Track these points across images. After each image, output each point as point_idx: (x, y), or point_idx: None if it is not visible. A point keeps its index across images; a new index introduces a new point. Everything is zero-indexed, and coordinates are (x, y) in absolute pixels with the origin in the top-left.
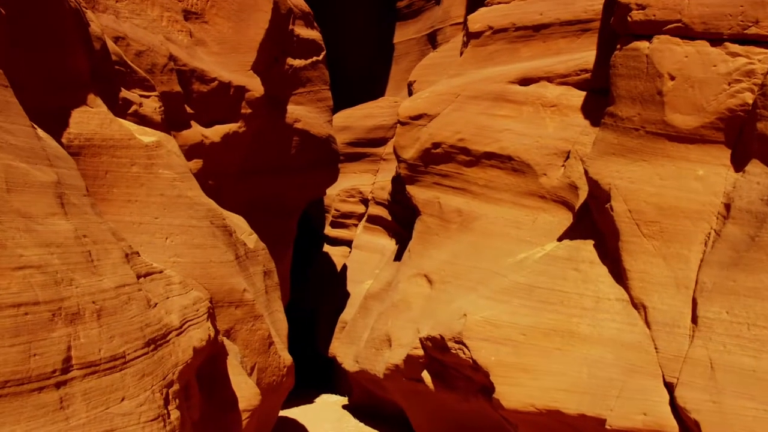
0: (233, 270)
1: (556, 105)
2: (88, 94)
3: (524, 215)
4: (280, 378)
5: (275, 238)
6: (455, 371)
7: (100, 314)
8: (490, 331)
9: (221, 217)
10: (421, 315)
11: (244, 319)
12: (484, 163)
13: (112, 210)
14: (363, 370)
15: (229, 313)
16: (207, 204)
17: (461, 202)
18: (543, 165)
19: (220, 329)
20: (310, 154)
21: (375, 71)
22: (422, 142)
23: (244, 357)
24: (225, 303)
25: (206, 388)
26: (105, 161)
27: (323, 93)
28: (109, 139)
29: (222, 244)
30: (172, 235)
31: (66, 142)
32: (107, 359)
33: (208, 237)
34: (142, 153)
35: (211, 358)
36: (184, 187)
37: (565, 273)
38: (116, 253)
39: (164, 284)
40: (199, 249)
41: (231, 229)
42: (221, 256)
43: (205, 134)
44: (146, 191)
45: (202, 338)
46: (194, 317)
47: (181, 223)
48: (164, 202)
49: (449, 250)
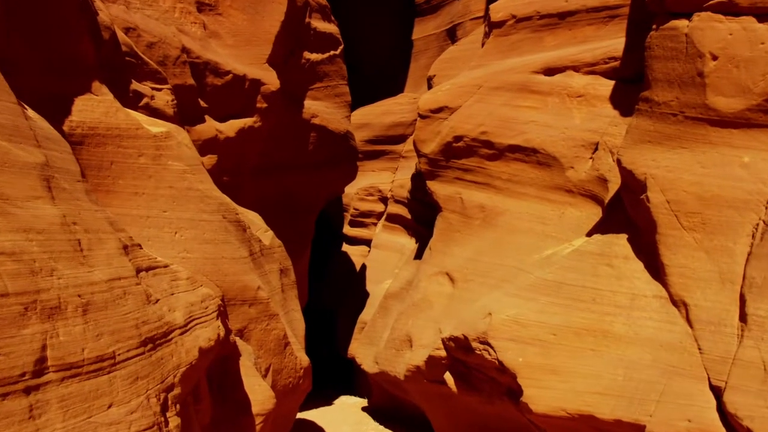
0: (246, 267)
1: (583, 95)
2: (93, 81)
3: (550, 210)
4: (297, 380)
5: (293, 237)
6: (479, 373)
7: (86, 309)
8: (516, 331)
9: (234, 211)
10: (443, 314)
11: (258, 319)
12: (507, 157)
13: (118, 202)
14: (383, 372)
15: (242, 312)
16: (219, 198)
17: (484, 197)
18: (570, 158)
19: (233, 329)
20: (328, 150)
21: (393, 68)
22: (443, 136)
23: (259, 358)
24: (238, 301)
25: (218, 391)
26: (110, 151)
27: (341, 88)
28: (114, 128)
29: (234, 239)
30: (182, 229)
31: (68, 130)
32: (92, 360)
33: (220, 232)
34: (150, 143)
35: (222, 359)
36: (195, 180)
37: (596, 269)
38: (112, 243)
39: (169, 279)
40: (210, 244)
41: (245, 225)
42: (234, 251)
43: (219, 129)
44: (154, 183)
45: (210, 338)
46: (202, 315)
47: (191, 216)
48: (173, 195)
49: (472, 247)
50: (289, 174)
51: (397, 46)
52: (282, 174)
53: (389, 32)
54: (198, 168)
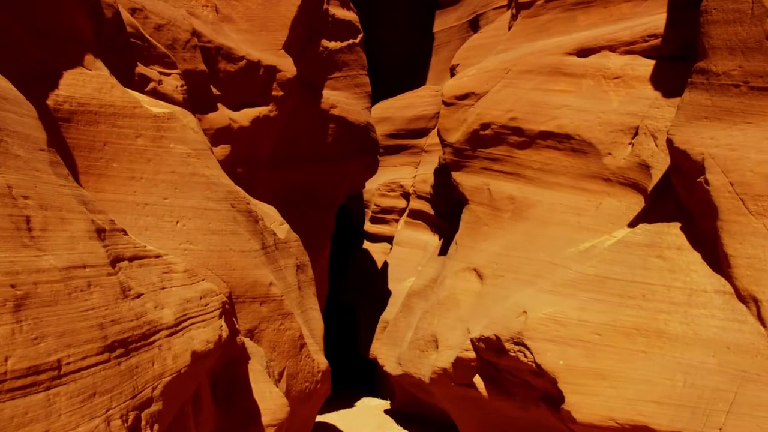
0: (258, 260)
1: (621, 76)
2: (86, 54)
3: (586, 200)
4: (314, 384)
5: (312, 233)
6: (512, 376)
7: (22, 304)
8: (555, 330)
9: (245, 201)
10: (471, 313)
11: (270, 318)
12: (539, 144)
13: (111, 188)
14: (406, 374)
15: (252, 311)
16: (227, 185)
17: (514, 188)
18: (607, 143)
19: (242, 329)
20: (348, 142)
21: (414, 62)
22: (469, 124)
23: (271, 361)
24: (247, 298)
25: (224, 399)
26: (103, 131)
27: (361, 78)
28: (109, 105)
29: (244, 230)
30: (184, 218)
31: (53, 105)
32: (20, 372)
33: (228, 222)
34: (150, 124)
35: (228, 363)
36: (200, 165)
37: (646, 261)
38: (79, 225)
39: (160, 272)
40: (216, 235)
41: (256, 215)
42: (243, 244)
43: (233, 118)
44: (154, 167)
45: (208, 340)
46: (200, 314)
47: (195, 205)
48: (175, 181)
49: (501, 242)
50: (307, 167)
51: (418, 40)
52: (299, 167)
53: (410, 25)
54: (205, 153)
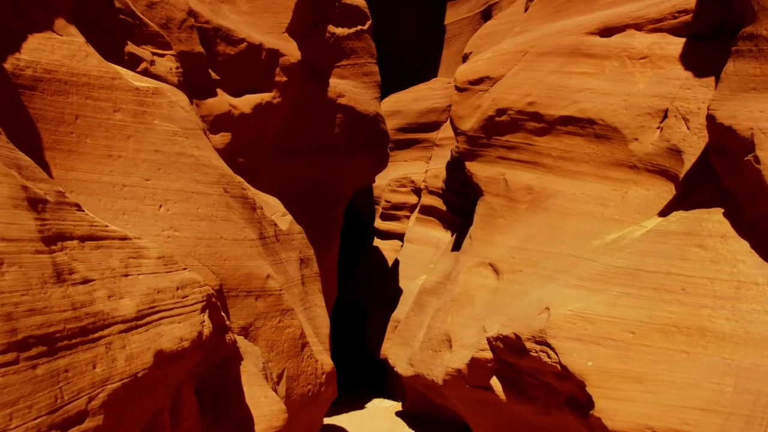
0: (254, 251)
1: (648, 56)
2: (57, 18)
3: (610, 189)
4: (317, 387)
5: (319, 228)
6: (533, 378)
7: None
8: (583, 328)
9: (240, 186)
10: (486, 310)
11: (267, 314)
12: (559, 130)
13: (84, 166)
14: (418, 375)
15: (246, 306)
16: (220, 168)
17: (532, 177)
18: (633, 128)
19: (235, 326)
20: (356, 133)
21: (425, 56)
22: (484, 110)
23: (269, 362)
24: (241, 292)
25: (212, 406)
26: (75, 103)
27: (369, 67)
28: (82, 74)
29: (239, 218)
30: (169, 202)
31: (11, 69)
32: None
33: (220, 207)
34: (131, 97)
35: (217, 364)
36: (189, 145)
37: (684, 251)
38: (1, 190)
39: (125, 256)
40: (205, 221)
41: (254, 203)
42: (237, 232)
43: (233, 104)
44: (135, 145)
45: (183, 337)
46: (175, 306)
47: (182, 187)
48: (159, 161)
49: (518, 235)
50: (314, 158)
51: (428, 32)
52: (305, 158)
53: (420, 18)
54: (195, 133)
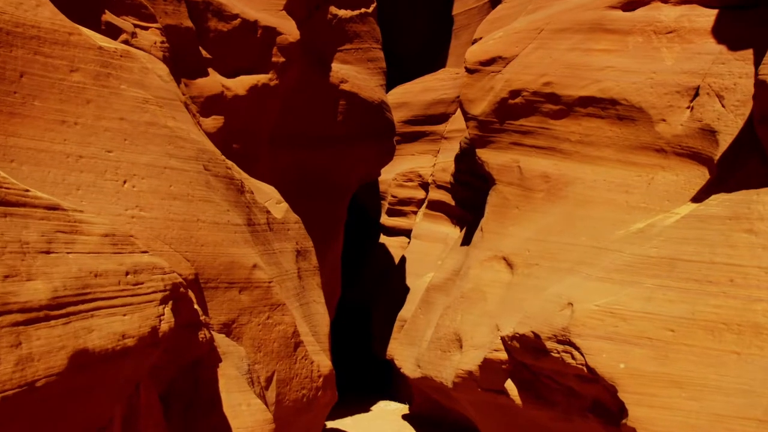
0: (238, 237)
1: (675, 30)
2: None
3: (635, 175)
4: (314, 391)
5: (322, 223)
6: (552, 381)
7: None
8: (612, 326)
9: (224, 164)
10: (500, 307)
11: (253, 309)
12: (578, 112)
13: (29, 132)
14: (426, 377)
15: (228, 299)
16: (200, 143)
17: (548, 164)
18: (660, 108)
19: (214, 322)
20: (360, 122)
21: (433, 48)
22: (496, 93)
23: (256, 363)
24: (221, 283)
25: (180, 416)
26: (20, 58)
27: (374, 52)
28: (30, 26)
29: (221, 199)
30: (135, 177)
31: None
32: None
33: (198, 186)
34: (93, 57)
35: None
36: (162, 114)
37: (730, 238)
38: None
39: (50, 229)
40: (179, 201)
41: (242, 185)
42: (218, 215)
43: (226, 85)
44: (95, 111)
45: (125, 332)
46: (119, 295)
47: (152, 161)
48: (125, 131)
49: (534, 226)
50: (315, 148)
51: (436, 24)
52: (306, 148)
53: (427, 9)
54: (173, 104)
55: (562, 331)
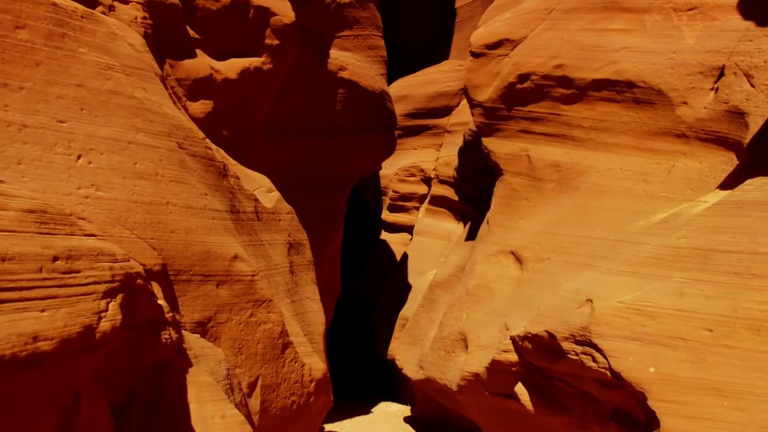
0: (217, 224)
1: (697, 7)
2: None
3: (654, 163)
4: (305, 397)
5: (320, 217)
6: (567, 386)
7: None
8: (640, 325)
9: (203, 144)
10: (508, 305)
11: (233, 305)
12: (591, 97)
13: None
14: (429, 379)
15: (203, 294)
16: (175, 117)
17: (559, 152)
18: (682, 90)
19: (186, 320)
20: (360, 112)
21: (435, 42)
22: (504, 77)
23: (236, 367)
24: (195, 275)
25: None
26: None
27: (375, 39)
28: None
29: (198, 181)
30: (92, 152)
31: None
32: None
33: (169, 165)
34: (45, 14)
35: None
36: (130, 84)
37: None
38: None
39: None
40: (146, 181)
41: (225, 168)
42: (193, 198)
43: (215, 68)
44: (45, 75)
45: (39, 333)
46: (39, 285)
47: (114, 135)
48: (83, 99)
49: (545, 218)
50: (313, 139)
51: (438, 17)
52: (304, 138)
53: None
54: (145, 74)
55: (581, 331)
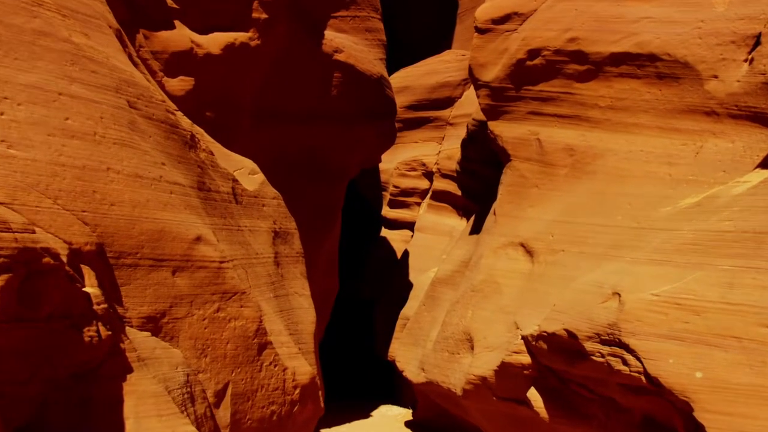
0: (177, 200)
1: None
2: None
3: (679, 144)
4: (287, 406)
5: (316, 210)
6: (587, 390)
7: None
8: (682, 321)
9: (162, 106)
10: (519, 302)
11: (195, 297)
12: (608, 73)
13: None
14: (431, 382)
15: (155, 283)
16: (125, 72)
17: (573, 135)
18: (711, 62)
19: (132, 315)
20: (358, 97)
21: (437, 32)
22: (512, 54)
23: (200, 372)
24: (144, 259)
25: None
26: None
27: (373, 22)
28: None
29: (153, 148)
30: (6, 101)
31: None
32: None
33: (113, 124)
34: None
35: (70, 380)
36: (65, 26)
37: None
38: None
39: None
40: (79, 140)
41: (192, 139)
42: (144, 166)
43: (196, 41)
44: None
45: None
46: None
47: (38, 83)
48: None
49: (557, 206)
50: (307, 125)
51: (440, 7)
52: (297, 124)
53: None
54: (92, 22)
55: (609, 329)
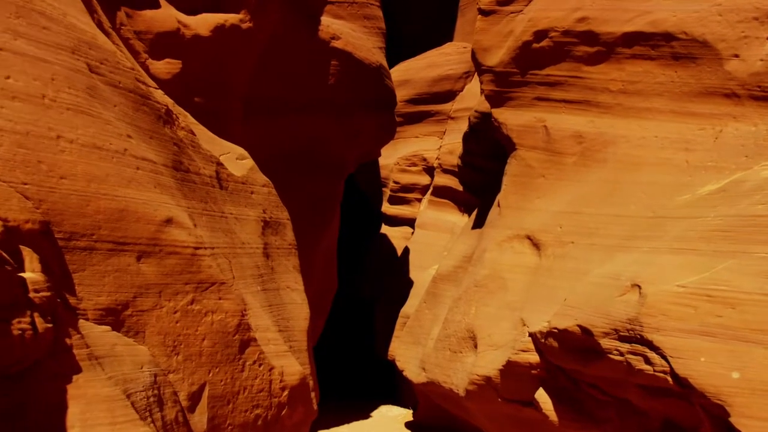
0: (143, 176)
1: None
2: None
3: (697, 129)
4: (274, 410)
5: (313, 203)
6: (601, 392)
7: None
8: (713, 315)
9: (132, 74)
10: (525, 297)
11: (164, 287)
12: (620, 54)
13: None
14: (432, 382)
15: (115, 269)
16: (86, 33)
17: (582, 121)
18: (732, 41)
19: (88, 306)
20: (356, 87)
21: (438, 26)
22: (517, 36)
23: (171, 372)
24: (102, 242)
25: None
26: None
27: (371, 9)
28: None
29: (117, 118)
30: None
31: None
32: None
33: (68, 88)
34: None
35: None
36: None
37: None
38: None
39: None
40: (22, 103)
41: (168, 114)
42: (104, 136)
43: (184, 22)
44: None
45: None
46: None
47: None
48: None
49: (566, 196)
50: (303, 115)
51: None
52: (292, 114)
53: None
54: None
55: (628, 324)
